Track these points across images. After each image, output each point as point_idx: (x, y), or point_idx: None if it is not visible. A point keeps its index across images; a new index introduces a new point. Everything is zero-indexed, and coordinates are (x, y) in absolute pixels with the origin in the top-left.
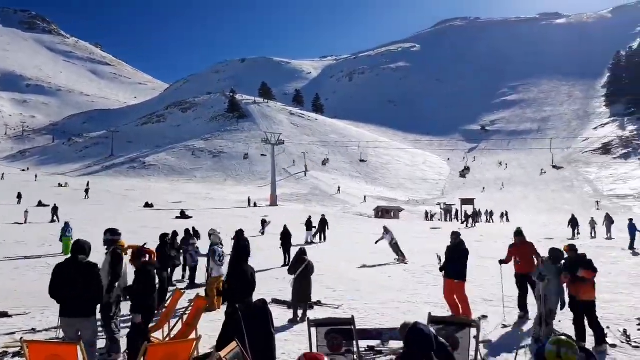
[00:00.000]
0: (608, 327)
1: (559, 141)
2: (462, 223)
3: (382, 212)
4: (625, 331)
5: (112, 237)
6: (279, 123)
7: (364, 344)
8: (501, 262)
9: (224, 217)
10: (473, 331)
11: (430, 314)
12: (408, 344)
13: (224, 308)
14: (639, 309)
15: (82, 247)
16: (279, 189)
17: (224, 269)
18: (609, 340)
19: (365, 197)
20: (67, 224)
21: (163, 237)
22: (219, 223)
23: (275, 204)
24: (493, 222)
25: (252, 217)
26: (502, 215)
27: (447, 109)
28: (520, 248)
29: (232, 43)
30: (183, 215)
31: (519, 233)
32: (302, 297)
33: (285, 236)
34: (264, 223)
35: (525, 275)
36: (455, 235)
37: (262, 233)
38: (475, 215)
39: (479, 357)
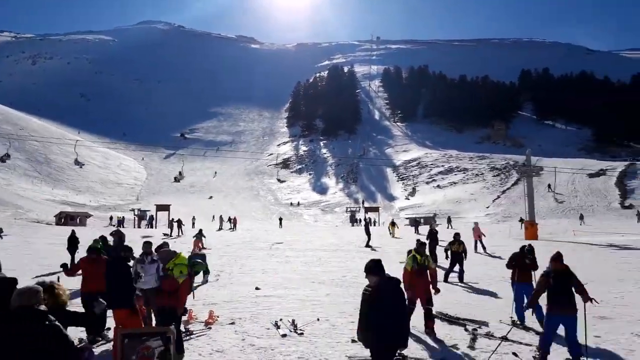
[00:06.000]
0: (281, 320)
1: (249, 154)
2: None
3: (66, 219)
4: (293, 321)
5: None
6: None
7: None
8: None
9: None
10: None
11: (122, 331)
12: None
13: None
14: (305, 302)
15: None
16: None
17: None
18: (280, 331)
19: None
20: None
21: None
22: None
23: None
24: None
25: None
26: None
27: (147, 112)
28: None
29: None
30: None
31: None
32: None
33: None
34: None
35: None
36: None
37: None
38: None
39: None
